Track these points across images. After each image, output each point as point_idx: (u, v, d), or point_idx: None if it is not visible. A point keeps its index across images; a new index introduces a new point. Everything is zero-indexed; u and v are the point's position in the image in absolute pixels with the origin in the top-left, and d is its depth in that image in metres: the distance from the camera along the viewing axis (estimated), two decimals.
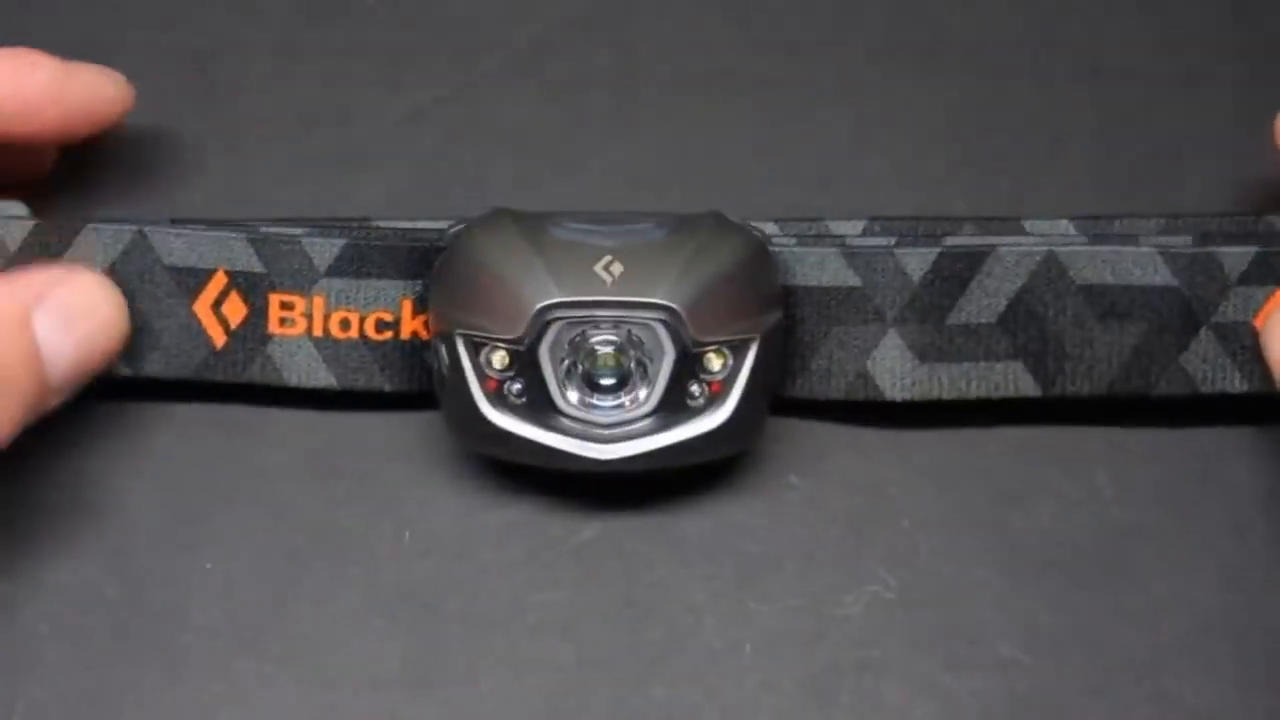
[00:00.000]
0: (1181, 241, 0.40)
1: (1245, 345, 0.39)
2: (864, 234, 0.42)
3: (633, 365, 0.37)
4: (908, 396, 0.39)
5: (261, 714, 0.37)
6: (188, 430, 0.40)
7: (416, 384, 0.39)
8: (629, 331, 0.37)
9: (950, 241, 0.40)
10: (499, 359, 0.37)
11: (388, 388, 0.39)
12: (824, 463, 0.40)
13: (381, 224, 0.41)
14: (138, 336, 0.39)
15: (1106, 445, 0.40)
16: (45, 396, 0.36)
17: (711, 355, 0.37)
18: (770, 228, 0.41)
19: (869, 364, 0.39)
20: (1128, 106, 0.45)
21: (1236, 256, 0.39)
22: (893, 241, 0.40)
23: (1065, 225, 0.42)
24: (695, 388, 0.37)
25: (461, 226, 0.38)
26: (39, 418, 0.36)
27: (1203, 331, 0.39)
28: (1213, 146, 0.44)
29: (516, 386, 0.37)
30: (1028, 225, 0.42)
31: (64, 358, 0.37)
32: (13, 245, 0.39)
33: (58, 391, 0.37)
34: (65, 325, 0.37)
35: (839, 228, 0.42)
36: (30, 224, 0.39)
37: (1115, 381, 0.39)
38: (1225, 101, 0.45)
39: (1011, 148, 0.44)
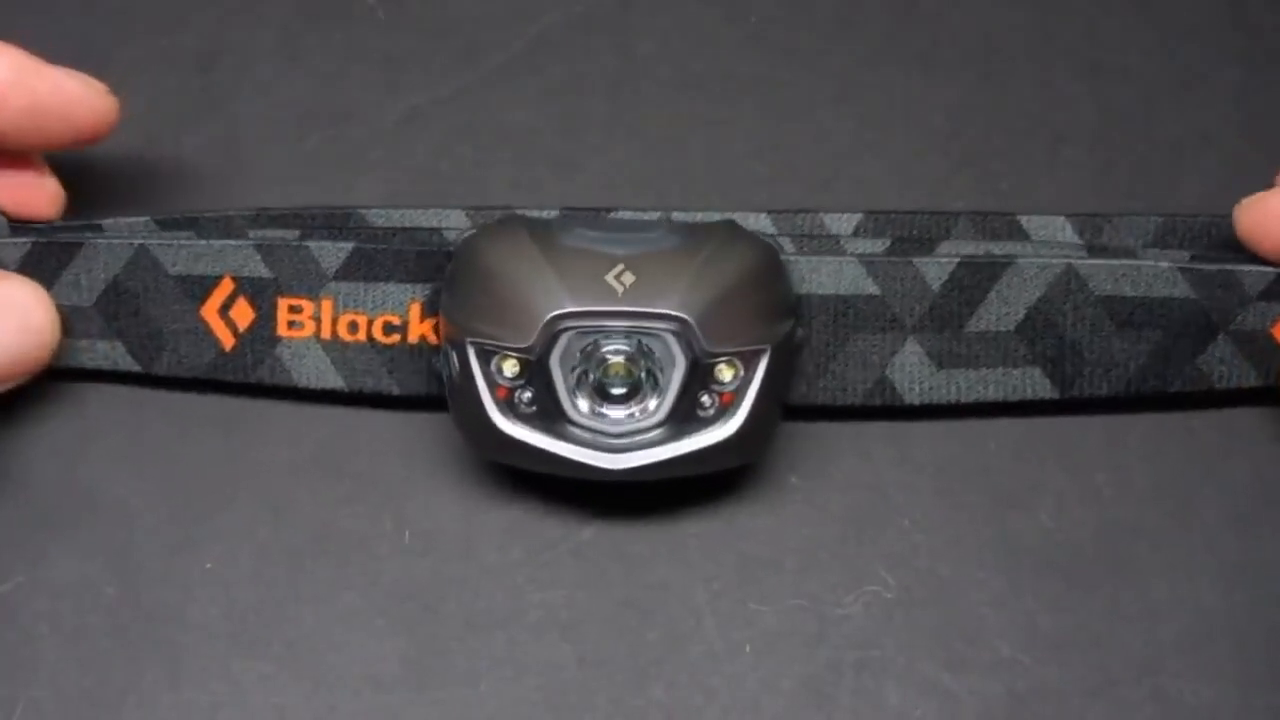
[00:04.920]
0: (1179, 256, 0.40)
1: (1263, 348, 0.39)
2: (859, 228, 0.42)
3: (643, 375, 0.37)
4: (926, 401, 0.40)
5: (261, 714, 0.37)
6: (188, 430, 0.40)
7: (424, 387, 0.39)
8: (640, 341, 0.37)
9: (946, 251, 0.40)
10: (510, 367, 0.37)
11: (395, 390, 0.39)
12: (825, 463, 0.40)
13: (369, 211, 0.41)
14: (147, 340, 0.39)
15: (1106, 445, 0.40)
16: None
17: (723, 366, 0.37)
18: (764, 220, 0.41)
19: (889, 371, 0.39)
20: (1128, 106, 0.45)
21: (1256, 276, 0.39)
22: (888, 244, 0.41)
23: (1062, 222, 0.42)
24: (706, 398, 0.37)
25: (473, 232, 0.38)
26: None
27: (1220, 337, 0.39)
28: (1212, 147, 0.44)
29: (527, 395, 0.37)
30: (1024, 221, 0.42)
31: None
32: (12, 265, 0.39)
33: None
34: None
35: (834, 222, 0.42)
36: (29, 243, 0.39)
37: (1133, 382, 0.39)
38: (1225, 102, 0.45)
39: (1011, 148, 0.44)
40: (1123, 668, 0.37)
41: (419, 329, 0.39)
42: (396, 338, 0.39)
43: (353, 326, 0.39)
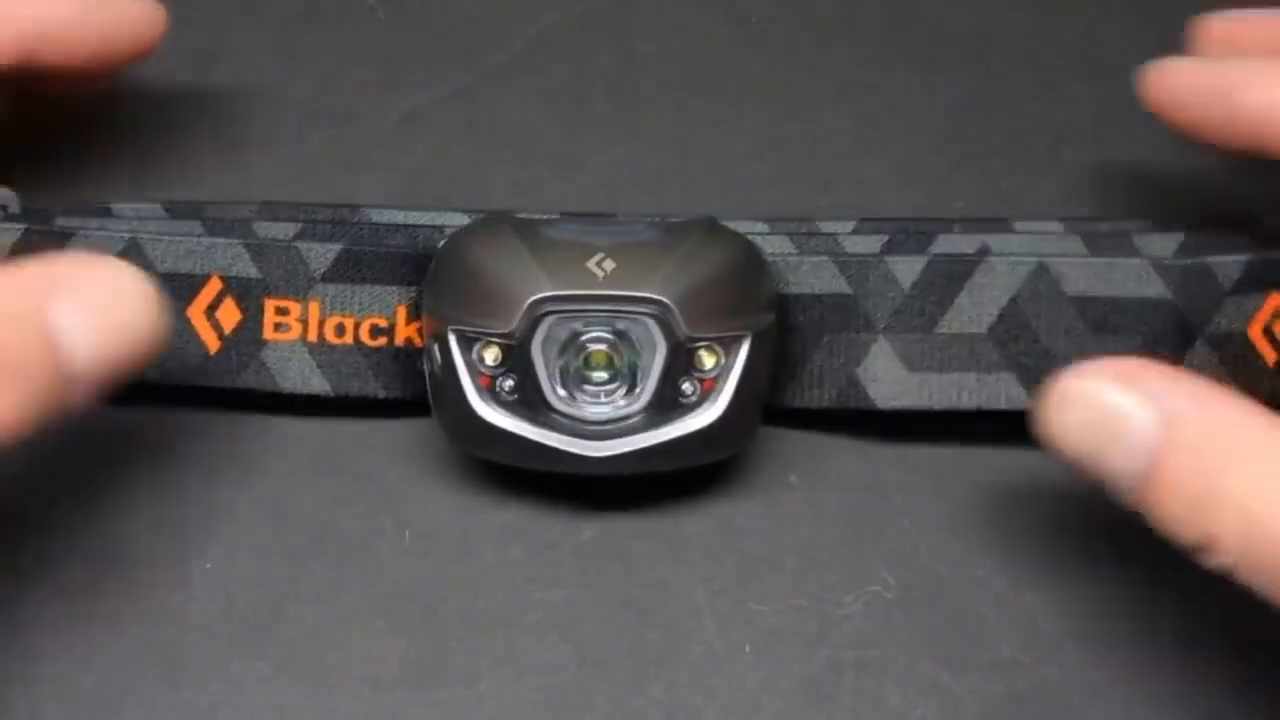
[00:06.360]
0: (1173, 240, 0.40)
1: (1239, 354, 0.39)
2: (853, 234, 0.41)
3: (624, 362, 0.37)
4: (897, 406, 0.39)
5: (261, 714, 0.37)
6: (186, 429, 0.40)
7: (410, 391, 0.39)
8: (621, 328, 0.37)
9: (940, 249, 0.40)
10: (491, 355, 0.37)
11: (382, 394, 0.39)
12: (824, 463, 0.40)
13: (368, 208, 0.41)
14: None
15: None
16: (65, 388, 0.34)
17: (703, 352, 0.37)
18: (760, 227, 0.41)
19: (859, 372, 0.39)
20: (1128, 106, 0.45)
21: (1228, 265, 0.39)
22: (881, 243, 0.40)
23: (1055, 227, 0.41)
24: (687, 385, 0.37)
25: (456, 231, 0.39)
26: (64, 412, 0.34)
27: (1197, 344, 0.39)
28: (1211, 147, 0.44)
29: (509, 383, 0.37)
30: (1018, 226, 0.41)
31: (86, 348, 0.34)
32: (2, 251, 0.39)
33: (81, 384, 0.34)
34: (86, 313, 0.34)
35: (828, 229, 0.42)
36: (19, 229, 0.39)
37: None
38: None
39: (1011, 148, 0.44)
40: (1123, 668, 0.37)
41: (405, 331, 0.39)
42: (383, 340, 0.39)
43: (340, 329, 0.39)
